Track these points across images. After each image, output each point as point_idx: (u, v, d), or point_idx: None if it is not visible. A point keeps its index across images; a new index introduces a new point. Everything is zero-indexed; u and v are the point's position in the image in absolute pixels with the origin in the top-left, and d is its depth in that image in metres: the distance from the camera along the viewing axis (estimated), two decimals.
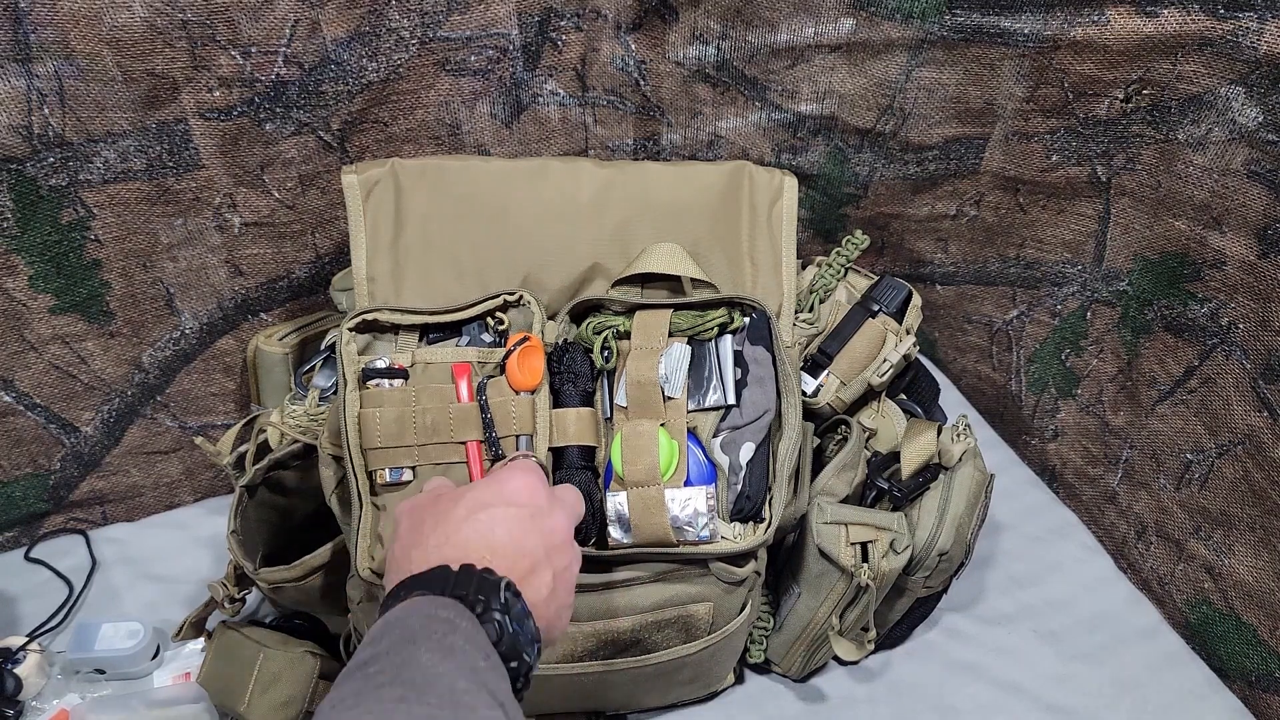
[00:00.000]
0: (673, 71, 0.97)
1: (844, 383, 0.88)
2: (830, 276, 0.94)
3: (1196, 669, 0.91)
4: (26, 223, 0.81)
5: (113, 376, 0.93)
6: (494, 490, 0.57)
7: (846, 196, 1.10)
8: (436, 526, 0.54)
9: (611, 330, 0.77)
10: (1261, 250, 0.82)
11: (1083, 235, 1.01)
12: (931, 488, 0.84)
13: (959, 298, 1.18)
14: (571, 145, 1.00)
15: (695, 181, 0.87)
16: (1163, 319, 0.94)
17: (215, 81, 0.81)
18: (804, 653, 0.84)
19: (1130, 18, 0.86)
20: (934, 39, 0.94)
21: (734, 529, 0.73)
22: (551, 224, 0.84)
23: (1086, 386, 1.06)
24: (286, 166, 0.89)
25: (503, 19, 0.88)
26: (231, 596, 0.83)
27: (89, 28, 0.74)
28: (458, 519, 0.54)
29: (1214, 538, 0.91)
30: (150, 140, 0.82)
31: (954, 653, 0.92)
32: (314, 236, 0.95)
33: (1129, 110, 0.91)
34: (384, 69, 0.87)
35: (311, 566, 0.78)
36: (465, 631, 0.46)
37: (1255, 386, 0.84)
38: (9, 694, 0.82)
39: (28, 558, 0.98)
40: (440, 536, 0.54)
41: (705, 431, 0.74)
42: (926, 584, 0.84)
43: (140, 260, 0.88)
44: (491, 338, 0.78)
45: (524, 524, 0.55)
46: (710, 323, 0.77)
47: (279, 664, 0.77)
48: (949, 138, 1.02)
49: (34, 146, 0.78)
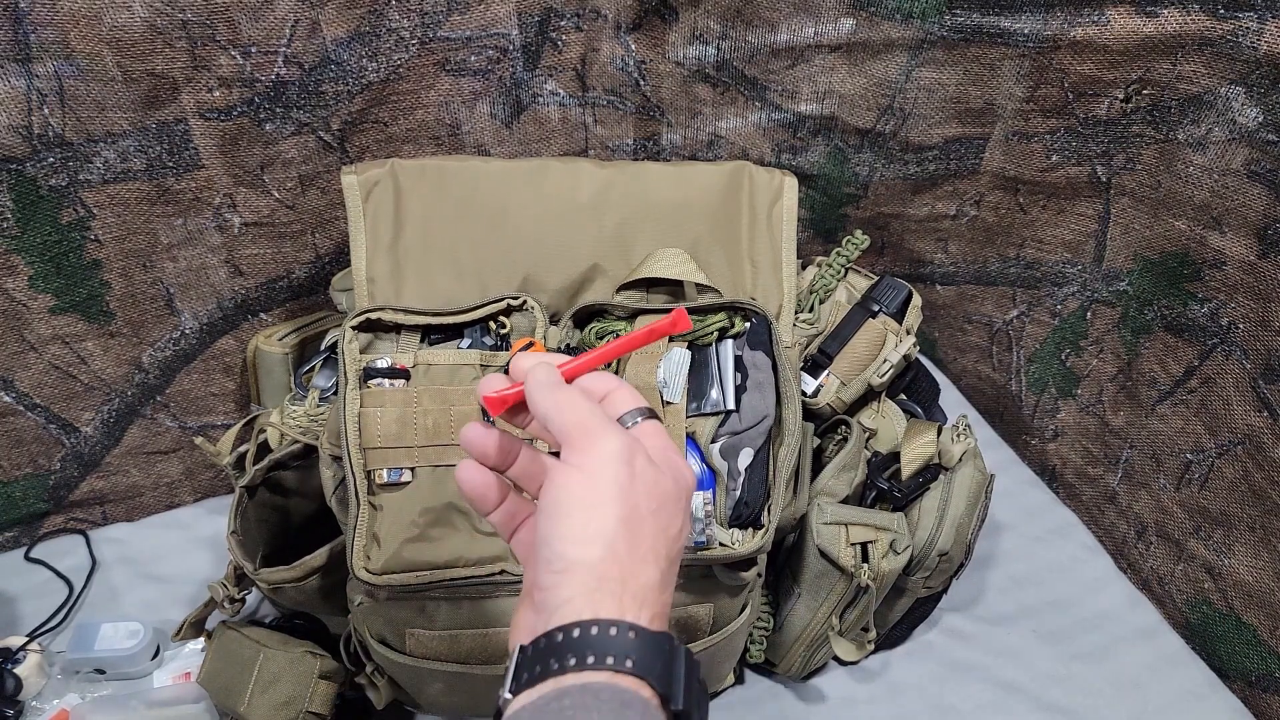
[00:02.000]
0: (673, 71, 0.97)
1: (844, 383, 0.88)
2: (830, 276, 0.94)
3: (1196, 669, 0.91)
4: (26, 223, 0.81)
5: (113, 376, 0.93)
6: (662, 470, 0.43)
7: (846, 196, 1.09)
8: (656, 529, 0.42)
9: (614, 335, 0.77)
10: (1261, 250, 0.82)
11: (1083, 235, 1.01)
12: (931, 488, 0.84)
13: (959, 298, 1.18)
14: (571, 145, 1.00)
15: (695, 181, 0.87)
16: (1163, 319, 0.94)
17: (215, 81, 0.81)
18: (804, 653, 0.84)
19: (1130, 18, 0.86)
20: (934, 39, 0.94)
21: (732, 535, 0.73)
22: (551, 224, 0.84)
23: (1086, 386, 1.06)
24: (286, 166, 0.89)
25: (503, 19, 0.88)
26: (231, 597, 0.83)
27: (89, 28, 0.74)
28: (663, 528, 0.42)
29: (1214, 538, 0.91)
30: (150, 140, 0.82)
31: (954, 653, 0.92)
32: (314, 236, 0.95)
33: (1129, 110, 0.91)
34: (384, 69, 0.87)
35: (311, 567, 0.78)
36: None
37: (1255, 386, 0.84)
38: (9, 694, 0.82)
39: (28, 558, 0.98)
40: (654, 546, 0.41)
41: (704, 437, 0.74)
42: (926, 584, 0.84)
43: (140, 260, 0.88)
44: (493, 340, 0.78)
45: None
46: (710, 327, 0.77)
47: (279, 664, 0.77)
48: (949, 138, 1.02)
49: (34, 146, 0.78)
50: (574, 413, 0.42)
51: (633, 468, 0.41)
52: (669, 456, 0.44)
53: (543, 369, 0.44)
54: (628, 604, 0.39)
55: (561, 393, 0.43)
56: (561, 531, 0.40)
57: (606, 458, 0.41)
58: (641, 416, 0.45)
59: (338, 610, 0.80)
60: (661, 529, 0.41)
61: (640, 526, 0.40)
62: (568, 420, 0.42)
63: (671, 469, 0.44)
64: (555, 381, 0.44)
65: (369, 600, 0.71)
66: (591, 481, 0.40)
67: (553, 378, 0.44)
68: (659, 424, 0.46)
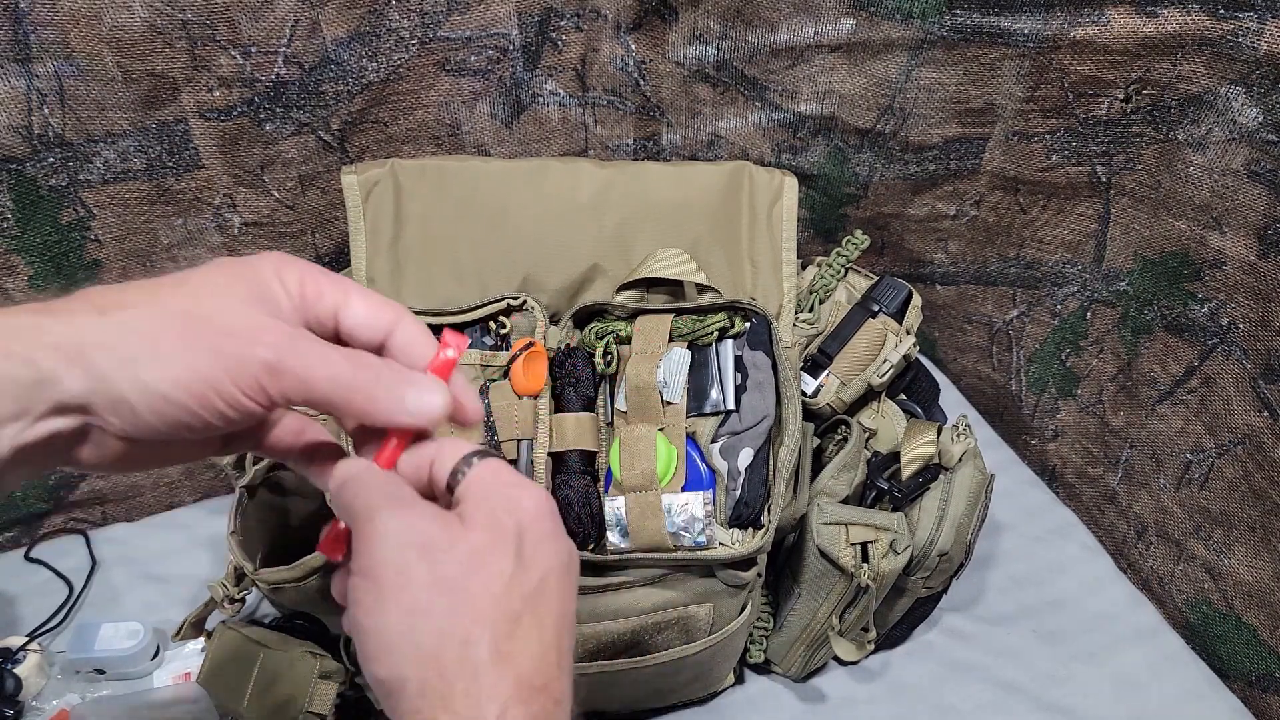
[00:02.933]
0: (673, 71, 0.97)
1: (844, 383, 0.88)
2: (830, 276, 0.94)
3: (1196, 669, 0.91)
4: (26, 223, 0.81)
5: None
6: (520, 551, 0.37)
7: (846, 196, 1.09)
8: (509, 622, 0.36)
9: (613, 335, 0.77)
10: (1261, 250, 0.82)
11: (1083, 235, 1.01)
12: (931, 488, 0.84)
13: (959, 298, 1.18)
14: (571, 145, 1.00)
15: (695, 181, 0.87)
16: (1163, 319, 0.94)
17: (215, 81, 0.81)
18: (804, 653, 0.84)
19: (1130, 18, 0.86)
20: (934, 39, 0.94)
21: (732, 535, 0.73)
22: (551, 224, 0.84)
23: (1086, 386, 1.06)
24: (286, 166, 0.89)
25: (503, 19, 0.88)
26: (231, 597, 0.83)
27: (89, 28, 0.74)
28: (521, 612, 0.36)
29: (1214, 538, 0.91)
30: (150, 140, 0.82)
31: (954, 653, 0.92)
32: (314, 236, 0.95)
33: (1129, 110, 0.91)
34: (384, 69, 0.87)
35: (311, 567, 0.78)
36: None
37: (1255, 386, 0.84)
38: (9, 694, 0.82)
39: (28, 558, 0.98)
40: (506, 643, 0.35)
41: (704, 437, 0.74)
42: (926, 584, 0.84)
43: (140, 260, 0.88)
44: (493, 340, 0.78)
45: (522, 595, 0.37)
46: (710, 327, 0.77)
47: (279, 664, 0.77)
48: (949, 138, 1.02)
49: (34, 146, 0.78)
50: (354, 502, 0.38)
51: (426, 543, 0.36)
52: (493, 496, 0.38)
53: (354, 481, 0.39)
54: (469, 713, 0.34)
55: (350, 483, 0.38)
56: (366, 651, 0.36)
57: (383, 548, 0.36)
58: (475, 459, 0.39)
59: (338, 611, 0.79)
60: (481, 586, 0.35)
61: (457, 611, 0.35)
62: (352, 515, 0.37)
63: (501, 504, 0.37)
64: (353, 475, 0.39)
65: None
66: (373, 584, 0.36)
67: (357, 472, 0.39)
68: (492, 462, 0.39)
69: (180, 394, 0.35)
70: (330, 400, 0.37)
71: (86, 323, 0.35)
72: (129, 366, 0.35)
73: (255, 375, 0.35)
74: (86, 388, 0.34)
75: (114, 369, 0.35)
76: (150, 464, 0.40)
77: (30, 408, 0.34)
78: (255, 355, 0.35)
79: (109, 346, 0.35)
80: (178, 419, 0.36)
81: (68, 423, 0.35)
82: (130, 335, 0.35)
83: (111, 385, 0.35)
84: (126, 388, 0.35)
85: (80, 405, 0.35)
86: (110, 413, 0.35)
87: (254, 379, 0.36)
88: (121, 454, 0.37)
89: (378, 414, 0.38)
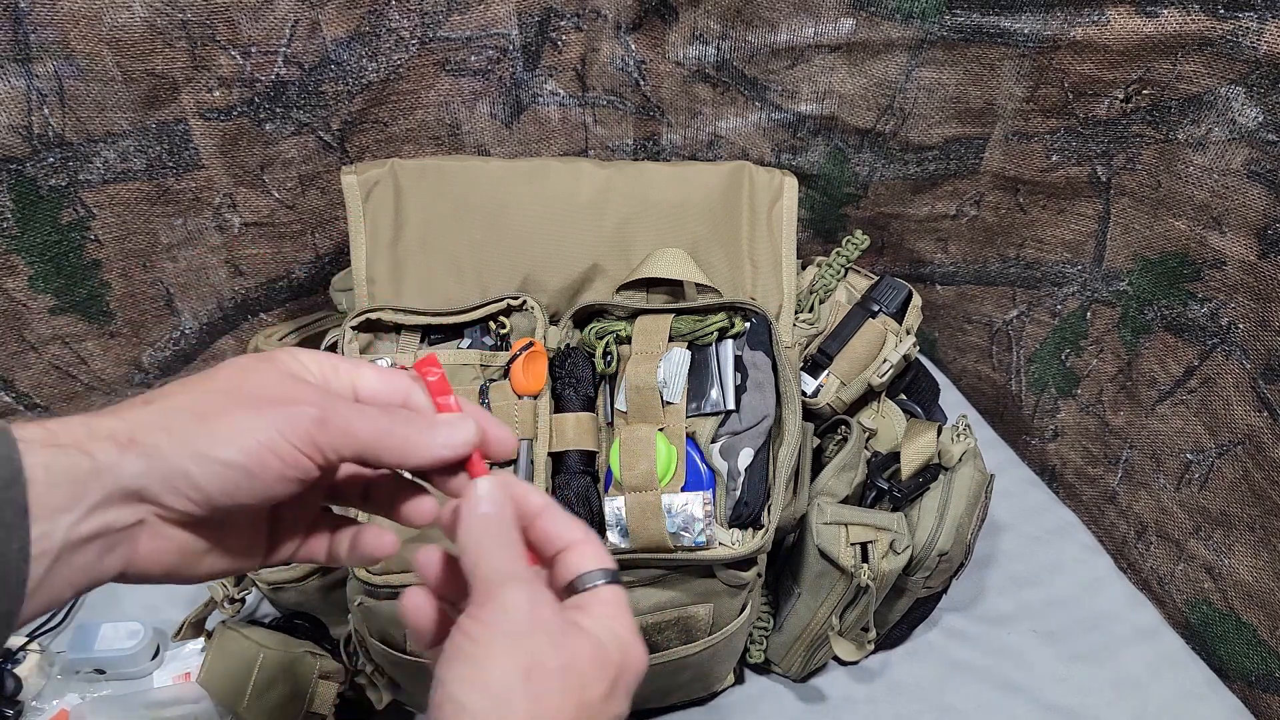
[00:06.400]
0: (673, 71, 0.97)
1: (844, 383, 0.88)
2: (830, 276, 0.94)
3: (1196, 669, 0.91)
4: (26, 223, 0.81)
5: (113, 376, 0.93)
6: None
7: (846, 196, 1.09)
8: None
9: (613, 335, 0.77)
10: (1261, 250, 0.82)
11: (1083, 235, 1.01)
12: (931, 488, 0.84)
13: (959, 298, 1.18)
14: (571, 145, 1.00)
15: (695, 181, 0.87)
16: (1163, 319, 0.94)
17: (215, 81, 0.81)
18: (804, 653, 0.84)
19: (1130, 18, 0.86)
20: (934, 39, 0.94)
21: (732, 535, 0.73)
22: (551, 224, 0.84)
23: (1086, 386, 1.06)
24: (286, 166, 0.89)
25: (503, 19, 0.88)
26: (231, 597, 0.83)
27: (89, 28, 0.74)
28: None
29: (1214, 538, 0.91)
30: (150, 140, 0.82)
31: (954, 653, 0.92)
32: (314, 237, 0.95)
33: (1129, 110, 0.91)
34: (384, 69, 0.87)
35: (311, 567, 0.78)
36: None
37: (1255, 386, 0.85)
38: (9, 694, 0.82)
39: None
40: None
41: (704, 437, 0.74)
42: (926, 584, 0.84)
43: (140, 260, 0.88)
44: (493, 341, 0.78)
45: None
46: (710, 327, 0.77)
47: (279, 664, 0.77)
48: (949, 138, 1.02)
49: (34, 146, 0.78)
50: (487, 562, 0.40)
51: (536, 617, 0.38)
52: (614, 627, 0.41)
53: (488, 500, 0.41)
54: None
55: (487, 537, 0.40)
56: (455, 674, 0.38)
57: (503, 610, 0.38)
58: (603, 580, 0.42)
59: (338, 611, 0.80)
60: (573, 689, 0.38)
61: (545, 681, 0.37)
62: (479, 570, 0.40)
63: (614, 638, 0.40)
64: (490, 516, 0.41)
65: (369, 600, 0.71)
66: (485, 629, 0.38)
67: (493, 509, 0.41)
68: (620, 592, 0.42)
69: (238, 456, 0.37)
70: (374, 448, 0.40)
71: (135, 413, 0.37)
72: (185, 441, 0.37)
73: (306, 429, 0.38)
74: (142, 468, 0.36)
75: (169, 445, 0.36)
76: (205, 561, 0.41)
77: (84, 496, 0.35)
78: (303, 412, 0.38)
79: (162, 427, 0.37)
80: (238, 484, 0.37)
81: (122, 515, 0.37)
82: (181, 414, 0.37)
83: (168, 461, 0.36)
84: (184, 460, 0.37)
85: (137, 490, 0.36)
86: (168, 492, 0.37)
87: (306, 433, 0.38)
88: (177, 549, 0.39)
89: (418, 453, 0.41)
